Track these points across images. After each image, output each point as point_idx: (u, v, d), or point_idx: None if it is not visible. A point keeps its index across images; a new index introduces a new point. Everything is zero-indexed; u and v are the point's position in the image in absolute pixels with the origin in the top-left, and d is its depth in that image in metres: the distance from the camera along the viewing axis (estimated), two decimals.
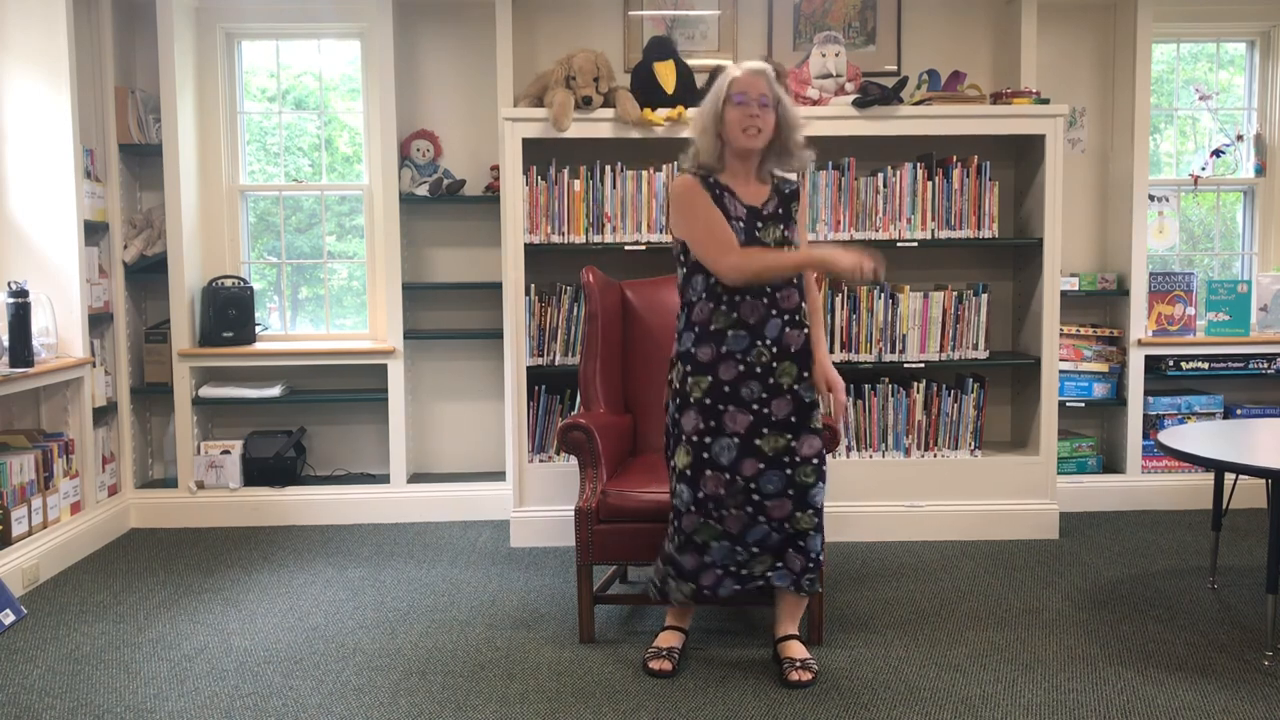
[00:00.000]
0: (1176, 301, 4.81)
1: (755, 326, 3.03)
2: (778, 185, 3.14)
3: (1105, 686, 3.01)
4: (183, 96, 4.67)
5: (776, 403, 3.03)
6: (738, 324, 3.03)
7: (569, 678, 3.10)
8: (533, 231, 4.38)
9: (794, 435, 3.04)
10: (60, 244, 4.30)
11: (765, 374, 3.04)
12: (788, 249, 3.08)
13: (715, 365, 3.04)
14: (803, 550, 3.07)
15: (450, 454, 5.03)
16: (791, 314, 3.06)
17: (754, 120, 2.99)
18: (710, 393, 3.04)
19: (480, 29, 4.76)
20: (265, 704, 2.94)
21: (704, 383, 3.04)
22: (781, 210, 3.11)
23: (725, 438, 3.03)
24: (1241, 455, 3.35)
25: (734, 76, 3.02)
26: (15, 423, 4.30)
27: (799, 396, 3.05)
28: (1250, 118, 5.07)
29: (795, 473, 3.03)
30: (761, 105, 3.00)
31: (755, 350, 3.03)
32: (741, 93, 3.00)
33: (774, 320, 3.03)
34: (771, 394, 3.03)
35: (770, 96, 3.01)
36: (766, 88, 3.01)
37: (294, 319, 5.09)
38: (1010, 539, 4.45)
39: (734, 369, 3.03)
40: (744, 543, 3.06)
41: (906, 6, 4.82)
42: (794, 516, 3.04)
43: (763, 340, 3.03)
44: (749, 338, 3.03)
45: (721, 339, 3.04)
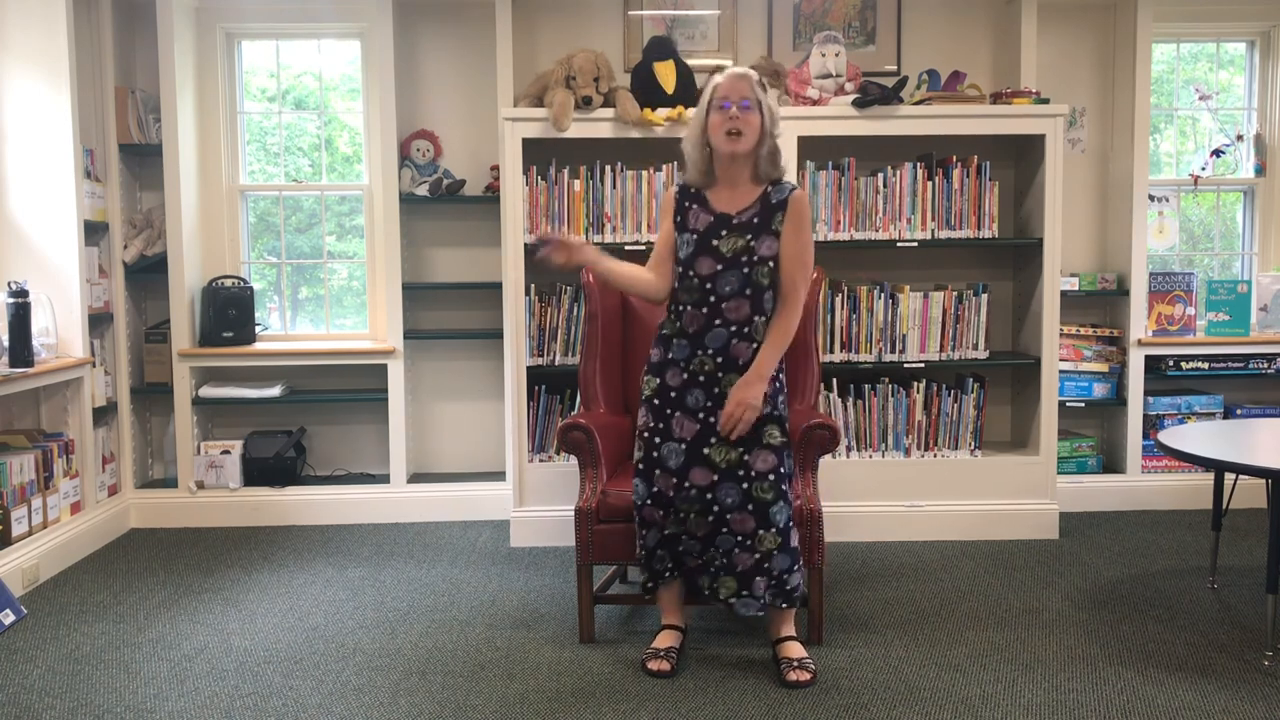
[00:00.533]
0: (1176, 301, 4.81)
1: (695, 335, 3.05)
2: (768, 193, 3.09)
3: (1105, 686, 3.01)
4: (183, 96, 4.67)
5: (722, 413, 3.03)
6: (680, 332, 3.08)
7: (569, 678, 3.10)
8: (533, 231, 4.38)
9: (746, 449, 3.03)
10: (60, 244, 4.30)
11: (710, 383, 3.05)
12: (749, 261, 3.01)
13: (663, 369, 3.11)
14: (766, 571, 3.06)
15: (450, 454, 5.03)
16: (740, 326, 3.03)
17: (734, 122, 2.99)
18: (658, 394, 3.11)
19: (480, 29, 4.76)
20: (265, 704, 2.94)
21: (653, 383, 3.13)
22: (759, 220, 3.06)
23: (673, 441, 3.07)
24: (1241, 455, 3.35)
25: (717, 83, 3.04)
26: (15, 423, 4.30)
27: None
28: (1250, 118, 5.07)
29: (752, 488, 3.03)
30: (743, 108, 2.99)
31: (697, 359, 3.05)
32: (724, 97, 3.00)
33: (717, 330, 3.03)
34: (717, 404, 3.04)
35: (753, 99, 3.00)
36: (749, 90, 3.00)
37: (294, 319, 5.09)
38: (1010, 539, 4.45)
39: (679, 375, 3.08)
40: (713, 545, 3.09)
41: (906, 6, 4.82)
42: (758, 535, 3.03)
43: (704, 350, 3.04)
44: (689, 346, 3.06)
45: (668, 344, 3.11)
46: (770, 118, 3.05)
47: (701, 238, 3.05)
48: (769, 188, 3.09)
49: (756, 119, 3.01)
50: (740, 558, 3.05)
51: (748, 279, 3.02)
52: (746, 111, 2.99)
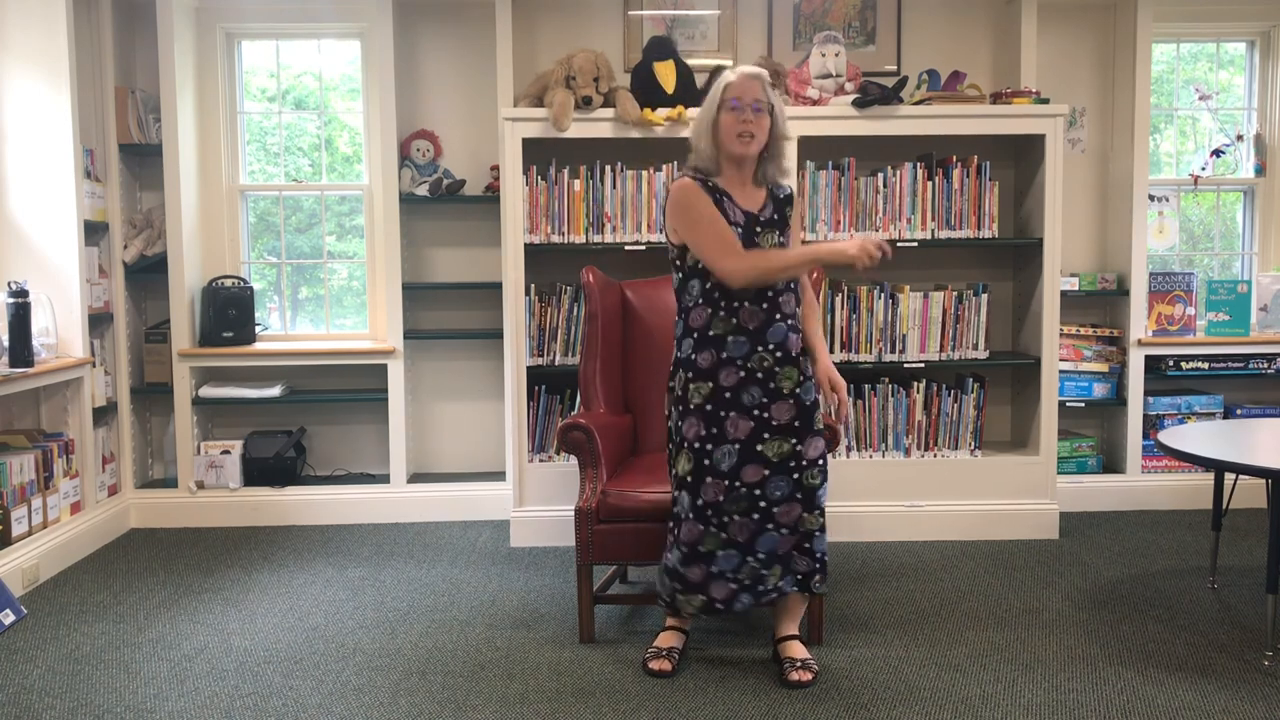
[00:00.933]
0: (1176, 301, 4.81)
1: (756, 332, 3.01)
2: (773, 191, 3.13)
3: (1105, 686, 3.01)
4: (183, 96, 4.67)
5: (777, 407, 3.01)
6: (737, 329, 3.02)
7: (569, 678, 3.10)
8: (533, 231, 4.38)
9: (798, 439, 3.02)
10: (60, 244, 4.30)
11: (767, 379, 3.02)
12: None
13: (716, 371, 3.02)
14: (808, 551, 3.07)
15: (450, 454, 5.03)
16: (792, 318, 3.06)
17: (747, 126, 2.98)
18: (711, 399, 3.02)
19: (480, 29, 4.76)
20: (265, 704, 2.94)
21: (704, 389, 3.02)
22: (777, 216, 3.10)
23: (726, 444, 3.01)
24: (1241, 455, 3.35)
25: (729, 81, 3.01)
26: (15, 423, 4.30)
27: (800, 400, 3.04)
28: (1250, 118, 5.07)
29: (802, 476, 3.03)
30: (755, 111, 2.98)
31: (757, 356, 3.01)
32: (736, 98, 2.98)
33: (777, 325, 3.03)
34: (772, 399, 3.02)
35: (765, 102, 2.99)
36: (761, 93, 2.99)
37: (294, 319, 5.09)
38: (1010, 539, 4.45)
39: (735, 375, 3.01)
40: (753, 552, 3.03)
41: (906, 6, 4.82)
42: (802, 518, 3.04)
43: (764, 346, 3.01)
44: (749, 343, 3.01)
45: (721, 344, 3.03)
46: (780, 120, 3.05)
47: (745, 232, 3.03)
48: (771, 186, 3.13)
49: (767, 122, 3.01)
50: (784, 542, 3.05)
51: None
52: (758, 114, 2.98)
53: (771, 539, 3.04)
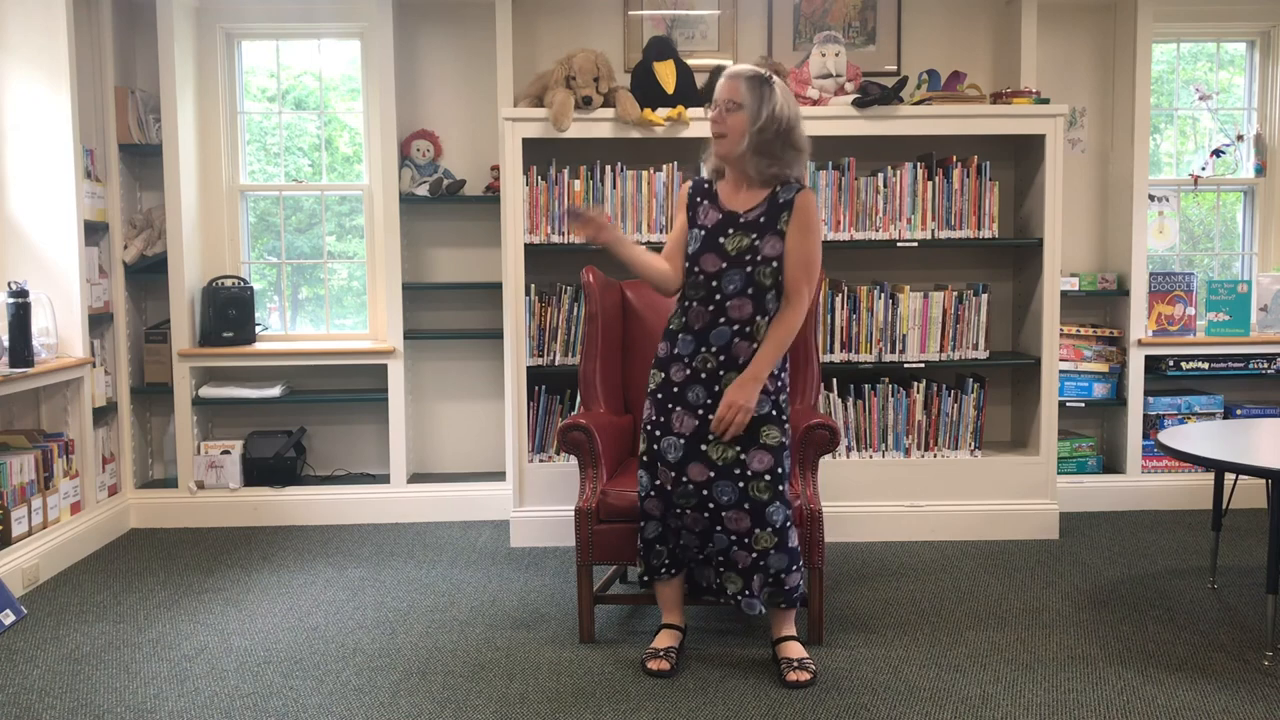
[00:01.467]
0: (1176, 301, 4.81)
1: (700, 332, 3.05)
2: (776, 193, 3.06)
3: (1105, 686, 3.01)
4: (183, 96, 4.67)
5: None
6: (685, 328, 3.08)
7: (569, 678, 3.10)
8: (533, 231, 4.38)
9: (743, 448, 3.02)
10: (60, 244, 4.30)
11: (710, 380, 3.04)
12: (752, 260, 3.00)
13: (668, 364, 3.11)
14: (763, 570, 3.06)
15: (450, 454, 5.03)
16: (742, 325, 3.02)
17: (717, 126, 3.01)
18: (661, 388, 3.11)
19: (480, 29, 4.76)
20: (265, 704, 2.94)
21: (657, 378, 3.13)
22: (764, 219, 3.03)
23: (672, 436, 3.07)
24: (1241, 455, 3.35)
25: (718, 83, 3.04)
26: (15, 423, 4.30)
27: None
28: (1250, 118, 5.07)
29: (748, 487, 3.01)
30: (728, 109, 2.97)
31: (700, 356, 3.05)
32: (715, 98, 3.02)
33: (720, 328, 3.03)
34: (716, 401, 3.03)
35: (737, 100, 2.96)
36: (735, 91, 2.97)
37: (294, 319, 5.09)
38: (1010, 539, 4.45)
39: (682, 371, 3.07)
40: (711, 541, 3.09)
41: (906, 6, 4.82)
42: (754, 534, 3.03)
43: (707, 347, 3.04)
44: (694, 342, 3.06)
45: (674, 340, 3.11)
46: (769, 113, 2.96)
47: (709, 234, 3.05)
48: (778, 188, 3.05)
49: (740, 120, 2.97)
50: (738, 555, 3.05)
51: (750, 278, 3.00)
52: (729, 113, 2.98)
53: (722, 539, 3.06)
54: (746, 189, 3.07)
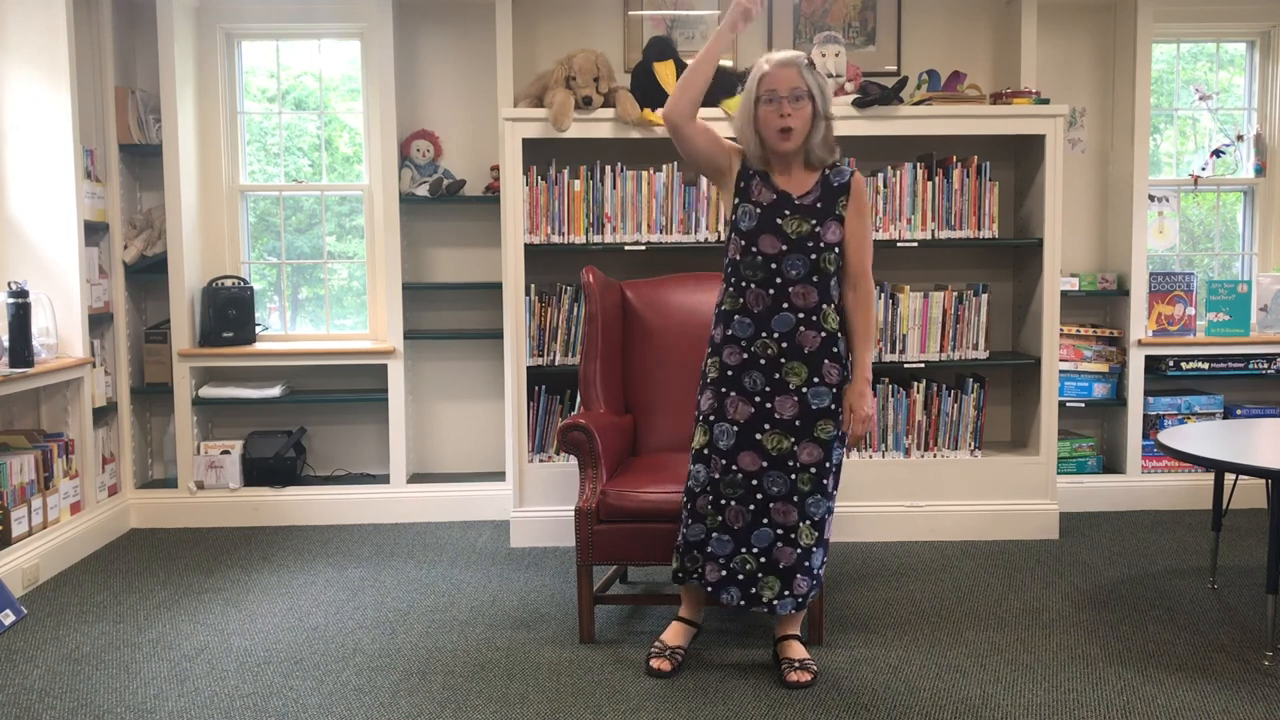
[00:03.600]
0: (1176, 301, 4.81)
1: (760, 316, 2.95)
2: (826, 177, 2.98)
3: (1105, 686, 3.01)
4: (183, 96, 4.67)
5: (781, 400, 2.96)
6: (743, 309, 2.97)
7: (569, 678, 3.10)
8: (533, 231, 4.38)
9: (796, 440, 2.96)
10: (60, 244, 4.30)
11: (770, 368, 2.95)
12: (815, 247, 2.92)
13: (722, 347, 3.00)
14: (807, 571, 3.01)
15: (450, 454, 5.03)
16: (809, 313, 2.94)
17: (785, 120, 2.88)
18: (719, 374, 3.01)
19: (480, 29, 4.76)
20: (265, 704, 2.94)
21: (716, 364, 3.02)
22: (821, 204, 2.95)
23: (725, 423, 2.98)
24: (1241, 455, 3.35)
25: (764, 71, 2.91)
26: (15, 423, 4.30)
27: (806, 401, 2.97)
28: (1250, 118, 5.07)
29: (796, 479, 2.97)
30: (794, 100, 2.88)
31: (760, 341, 2.95)
32: (771, 89, 2.89)
33: (784, 314, 2.94)
34: (776, 390, 2.95)
35: (804, 88, 2.88)
36: (799, 79, 2.88)
37: (294, 319, 5.09)
38: (1010, 539, 4.45)
39: (738, 355, 2.97)
40: (747, 544, 3.00)
41: (906, 6, 4.82)
42: (798, 527, 2.97)
43: (769, 332, 2.94)
44: (753, 326, 2.96)
45: (729, 321, 2.99)
46: (821, 99, 2.92)
47: (765, 213, 2.94)
48: (827, 170, 3.00)
49: (807, 109, 2.90)
50: (783, 552, 2.98)
51: (814, 265, 2.93)
52: (797, 105, 2.88)
53: (765, 535, 2.99)
54: (797, 171, 2.98)
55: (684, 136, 2.97)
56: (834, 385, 2.98)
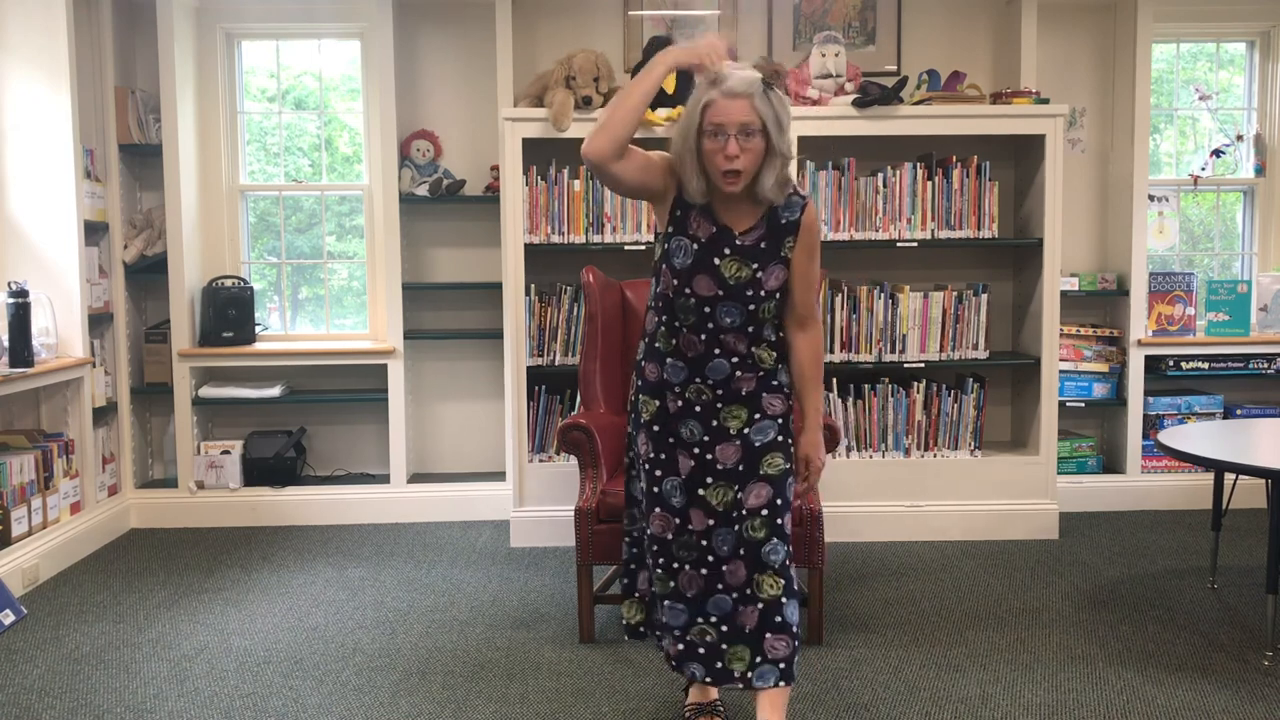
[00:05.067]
0: (1176, 301, 4.81)
1: (694, 361, 2.58)
2: (773, 213, 2.54)
3: (1105, 686, 3.01)
4: (183, 96, 4.67)
5: (723, 449, 2.58)
6: (675, 352, 2.59)
7: (569, 678, 3.10)
8: (533, 231, 4.38)
9: (741, 485, 2.57)
10: (60, 244, 4.30)
11: (707, 414, 2.58)
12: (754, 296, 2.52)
13: (661, 390, 2.62)
14: (782, 628, 2.56)
15: (450, 454, 5.03)
16: (743, 358, 2.56)
17: (732, 162, 2.42)
18: (657, 419, 2.63)
19: (480, 29, 4.76)
20: (265, 704, 2.94)
21: (653, 406, 2.64)
22: (765, 245, 2.52)
23: (674, 477, 2.62)
24: (1241, 455, 3.35)
25: (709, 101, 2.44)
26: (15, 423, 4.30)
27: (749, 441, 2.58)
28: (1250, 118, 5.07)
29: (742, 528, 2.56)
30: (745, 134, 2.42)
31: (694, 386, 2.58)
32: (717, 124, 2.43)
33: (718, 361, 2.56)
34: (716, 438, 2.58)
35: (756, 122, 2.42)
36: (749, 112, 2.41)
37: (294, 319, 5.09)
38: (1010, 539, 4.45)
39: (675, 401, 2.61)
40: (703, 613, 2.61)
41: (906, 6, 4.82)
42: (754, 582, 2.56)
43: (703, 379, 2.58)
44: (686, 371, 2.59)
45: (662, 363, 2.62)
46: (778, 133, 2.44)
47: (702, 250, 2.52)
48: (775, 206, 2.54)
49: (759, 146, 2.44)
50: (745, 614, 2.57)
51: (752, 316, 2.54)
52: (747, 141, 2.42)
53: (724, 602, 2.59)
54: (741, 202, 2.54)
55: (608, 176, 2.57)
56: (778, 416, 2.61)
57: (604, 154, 2.55)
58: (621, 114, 2.53)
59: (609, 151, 2.55)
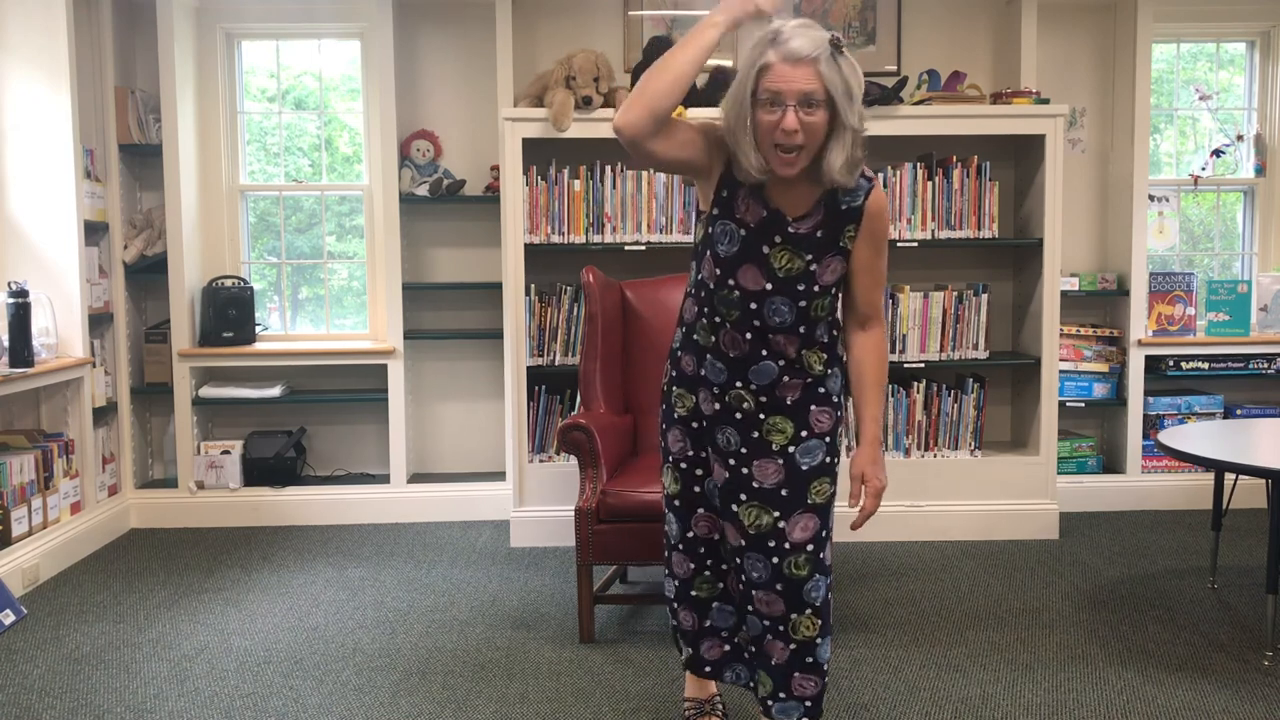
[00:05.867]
0: (1176, 301, 4.81)
1: (736, 362, 2.31)
2: (832, 196, 2.24)
3: (1105, 686, 3.01)
4: (183, 96, 4.67)
5: (761, 465, 2.33)
6: (716, 349, 2.33)
7: (569, 678, 3.10)
8: (533, 231, 4.38)
9: (782, 513, 2.30)
10: (60, 244, 4.30)
11: (747, 423, 2.32)
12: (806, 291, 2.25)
13: (697, 387, 2.38)
14: (813, 669, 2.36)
15: (450, 454, 5.03)
16: (791, 362, 2.30)
17: (790, 137, 2.11)
18: (694, 415, 2.40)
19: (480, 29, 4.76)
20: (265, 704, 2.94)
21: (689, 401, 2.41)
22: (823, 234, 2.24)
23: (711, 479, 2.42)
24: (1241, 455, 3.35)
25: (767, 63, 2.12)
26: (15, 423, 4.30)
27: (794, 463, 2.32)
28: (1250, 118, 5.07)
29: (783, 563, 2.31)
30: (806, 109, 2.10)
31: (735, 390, 2.32)
32: (774, 91, 2.10)
33: (764, 363, 2.30)
34: (755, 451, 2.32)
35: (820, 91, 2.09)
36: (814, 79, 2.09)
37: (294, 319, 5.09)
38: (1010, 539, 4.45)
39: (711, 403, 2.36)
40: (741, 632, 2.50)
41: (906, 6, 4.82)
42: (790, 620, 2.33)
43: (745, 383, 2.31)
44: (727, 372, 2.32)
45: (701, 358, 2.36)
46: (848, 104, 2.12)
47: (751, 237, 2.24)
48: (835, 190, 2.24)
49: (822, 119, 2.12)
50: (773, 646, 2.37)
51: (804, 313, 2.27)
52: (809, 114, 2.11)
53: (754, 624, 2.39)
54: (798, 182, 2.23)
55: (642, 152, 2.18)
56: (826, 434, 2.34)
57: (639, 129, 2.13)
58: (663, 84, 2.13)
59: (645, 127, 2.13)
